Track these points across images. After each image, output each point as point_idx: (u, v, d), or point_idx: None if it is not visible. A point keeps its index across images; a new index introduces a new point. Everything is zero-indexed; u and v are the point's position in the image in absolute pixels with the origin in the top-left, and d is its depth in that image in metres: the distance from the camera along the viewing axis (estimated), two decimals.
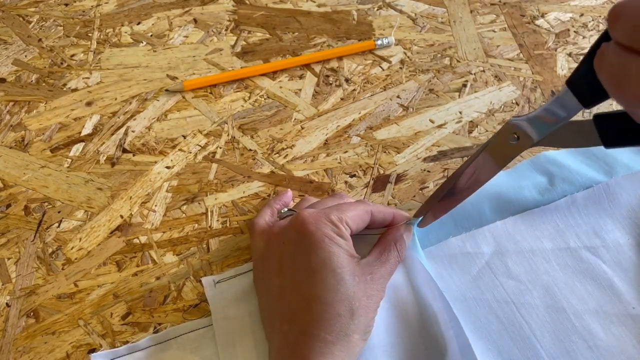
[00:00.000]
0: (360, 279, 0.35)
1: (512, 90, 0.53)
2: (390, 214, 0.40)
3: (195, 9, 0.60)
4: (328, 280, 0.34)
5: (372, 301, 0.35)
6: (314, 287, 0.34)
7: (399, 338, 0.38)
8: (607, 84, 0.28)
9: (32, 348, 0.40)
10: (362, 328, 0.34)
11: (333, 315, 0.33)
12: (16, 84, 0.55)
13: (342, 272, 0.34)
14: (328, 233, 0.35)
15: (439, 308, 0.38)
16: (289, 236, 0.37)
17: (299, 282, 0.35)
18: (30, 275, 0.44)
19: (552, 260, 0.41)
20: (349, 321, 0.33)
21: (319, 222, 0.36)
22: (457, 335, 0.37)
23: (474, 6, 0.60)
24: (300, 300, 0.35)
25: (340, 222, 0.36)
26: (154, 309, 0.42)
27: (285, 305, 0.36)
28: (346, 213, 0.37)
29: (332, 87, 0.54)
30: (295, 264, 0.36)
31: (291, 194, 0.46)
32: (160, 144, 0.50)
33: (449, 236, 0.43)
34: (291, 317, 0.35)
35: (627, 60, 0.26)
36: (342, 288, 0.34)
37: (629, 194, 0.44)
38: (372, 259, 0.37)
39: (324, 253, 0.35)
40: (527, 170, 0.46)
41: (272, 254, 0.38)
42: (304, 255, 0.35)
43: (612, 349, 0.37)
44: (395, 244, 0.38)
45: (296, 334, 0.34)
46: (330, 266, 0.34)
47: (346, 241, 0.36)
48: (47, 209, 0.47)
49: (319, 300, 0.34)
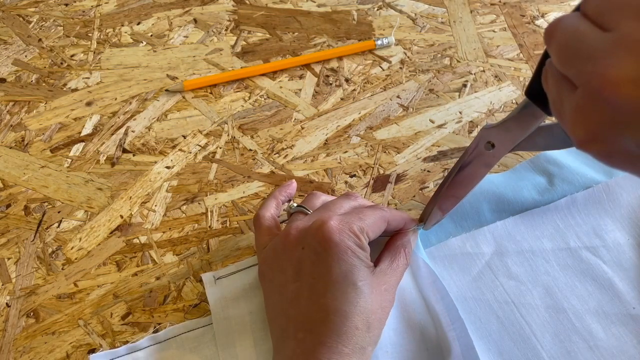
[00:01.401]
0: (377, 291, 0.35)
1: (512, 90, 0.53)
2: (402, 220, 0.39)
3: (195, 9, 0.60)
4: (348, 294, 0.34)
5: (385, 312, 0.36)
6: (333, 299, 0.34)
7: (401, 338, 0.38)
8: (550, 105, 0.27)
9: (32, 348, 0.40)
10: (375, 340, 0.35)
11: (351, 329, 0.33)
12: (16, 84, 0.55)
13: (362, 286, 0.34)
14: (351, 245, 0.35)
15: (441, 309, 0.38)
16: (309, 242, 0.36)
17: (318, 292, 0.35)
18: (30, 275, 0.44)
19: (552, 261, 0.41)
20: (366, 334, 0.34)
21: (342, 233, 0.35)
22: (459, 337, 0.37)
23: (474, 6, 0.60)
24: (318, 311, 0.35)
25: (362, 233, 0.36)
26: (154, 309, 0.42)
27: (302, 313, 0.35)
28: (366, 222, 0.36)
29: (332, 87, 0.54)
30: (315, 272, 0.36)
31: (295, 184, 0.45)
32: (160, 144, 0.50)
33: (449, 237, 0.43)
34: (308, 326, 0.35)
35: (561, 89, 0.25)
36: (361, 301, 0.34)
37: (629, 194, 0.44)
38: (385, 266, 0.37)
39: (346, 266, 0.35)
40: (525, 171, 0.46)
41: (289, 257, 0.37)
42: (325, 265, 0.35)
43: (613, 349, 0.37)
44: (404, 250, 0.38)
45: (312, 343, 0.34)
46: (351, 279, 0.34)
47: (365, 253, 0.36)
48: (47, 209, 0.47)
49: (338, 313, 0.34)
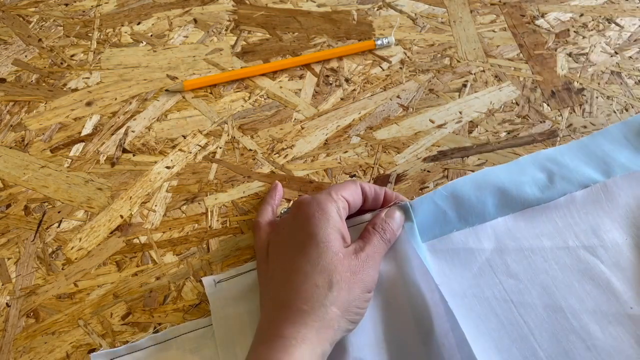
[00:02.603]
0: (345, 256, 0.36)
1: (512, 90, 0.53)
2: (380, 189, 0.41)
3: (195, 9, 0.60)
4: (311, 253, 0.35)
5: (357, 278, 0.35)
6: (298, 260, 0.35)
7: (395, 334, 0.38)
8: None
9: (32, 348, 0.41)
10: (343, 302, 0.34)
11: (311, 286, 0.34)
12: (16, 84, 0.55)
13: (326, 246, 0.35)
14: (321, 205, 0.37)
15: (435, 301, 0.38)
16: (288, 220, 0.39)
17: (287, 259, 0.36)
18: (30, 275, 0.44)
19: (550, 260, 0.42)
20: (327, 292, 0.34)
21: (313, 197, 0.38)
22: (453, 329, 0.37)
23: (474, 6, 0.60)
24: (283, 277, 0.36)
25: (336, 193, 0.38)
26: (154, 309, 0.42)
27: (273, 284, 0.37)
28: (339, 188, 0.39)
29: (332, 87, 0.54)
30: (288, 242, 0.37)
31: (280, 185, 0.47)
32: (160, 144, 0.50)
33: (452, 230, 0.43)
34: (274, 292, 0.36)
35: None
36: (322, 261, 0.35)
37: (627, 195, 0.44)
38: (358, 240, 0.38)
39: (312, 227, 0.36)
40: (527, 165, 0.46)
41: (274, 243, 0.39)
42: (296, 231, 0.37)
43: (610, 349, 0.38)
44: (375, 227, 0.39)
45: (275, 308, 0.35)
46: (315, 240, 0.35)
47: (341, 220, 0.37)
48: (47, 209, 0.47)
49: (299, 273, 0.35)
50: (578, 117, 0.51)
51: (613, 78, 0.53)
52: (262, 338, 0.34)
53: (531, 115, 0.51)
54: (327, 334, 0.33)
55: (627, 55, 0.55)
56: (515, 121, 0.51)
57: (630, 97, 0.52)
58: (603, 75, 0.54)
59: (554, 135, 0.50)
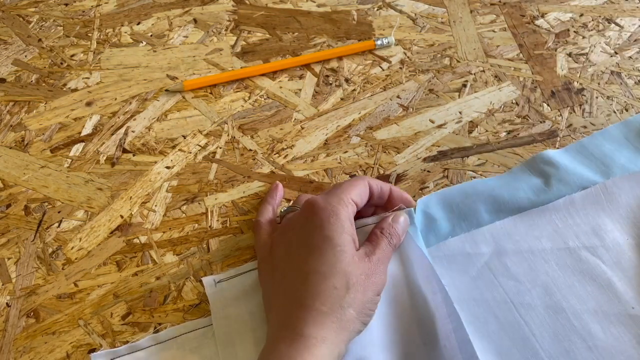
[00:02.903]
0: (360, 259, 0.36)
1: (512, 90, 0.53)
2: (385, 185, 0.42)
3: (195, 9, 0.60)
4: (327, 255, 0.35)
5: (371, 281, 0.36)
6: (313, 262, 0.35)
7: (398, 334, 0.38)
8: None
9: (32, 348, 0.41)
10: (358, 304, 0.35)
11: (329, 287, 0.34)
12: (16, 84, 0.55)
13: (342, 250, 0.35)
14: (336, 208, 0.37)
15: (438, 302, 0.38)
16: (300, 221, 0.39)
17: (300, 259, 0.36)
18: (30, 275, 0.44)
19: (551, 261, 0.41)
20: (345, 294, 0.34)
21: (326, 201, 0.37)
22: (455, 330, 0.37)
23: (474, 6, 0.60)
24: (298, 276, 0.36)
25: (346, 196, 0.38)
26: (154, 309, 0.42)
27: (286, 284, 0.37)
28: (349, 190, 0.39)
29: (332, 87, 0.54)
30: (300, 243, 0.37)
31: (281, 185, 0.47)
32: (160, 144, 0.50)
33: (448, 237, 0.43)
34: (289, 291, 0.36)
35: None
36: (339, 264, 0.35)
37: (627, 195, 0.44)
38: (366, 243, 0.39)
39: (327, 231, 0.36)
40: (521, 173, 0.47)
41: (281, 243, 0.39)
42: (310, 233, 0.37)
43: (612, 349, 0.37)
44: (382, 231, 0.39)
45: (292, 305, 0.35)
46: (331, 243, 0.36)
47: (352, 225, 0.37)
48: (47, 209, 0.47)
49: (317, 274, 0.35)
50: (578, 117, 0.51)
51: (613, 78, 0.53)
52: (280, 335, 0.34)
53: (531, 116, 0.51)
54: (343, 335, 0.34)
55: (627, 56, 0.55)
56: (515, 121, 0.51)
57: (630, 97, 0.52)
58: (603, 75, 0.54)
59: (553, 136, 0.50)
